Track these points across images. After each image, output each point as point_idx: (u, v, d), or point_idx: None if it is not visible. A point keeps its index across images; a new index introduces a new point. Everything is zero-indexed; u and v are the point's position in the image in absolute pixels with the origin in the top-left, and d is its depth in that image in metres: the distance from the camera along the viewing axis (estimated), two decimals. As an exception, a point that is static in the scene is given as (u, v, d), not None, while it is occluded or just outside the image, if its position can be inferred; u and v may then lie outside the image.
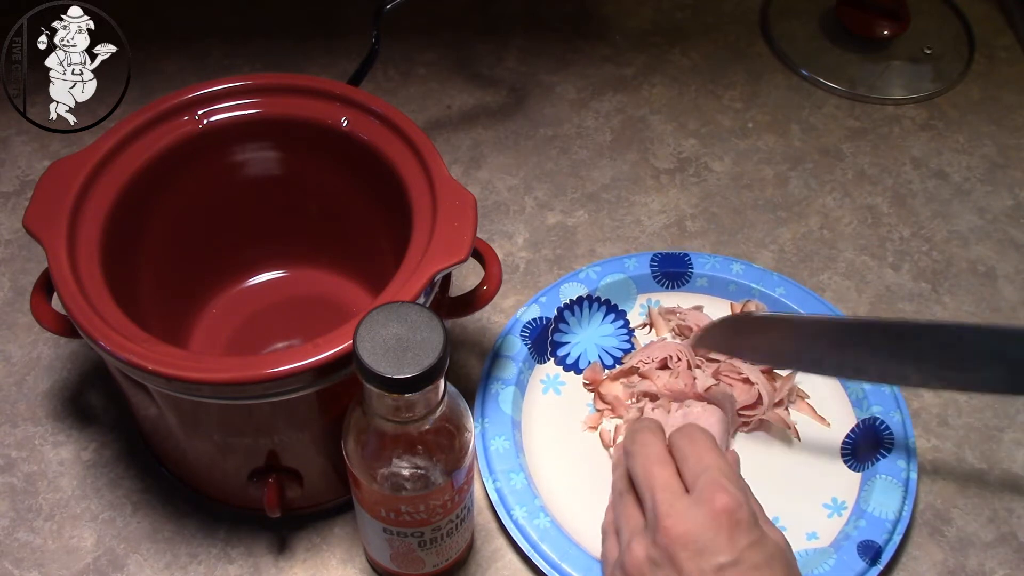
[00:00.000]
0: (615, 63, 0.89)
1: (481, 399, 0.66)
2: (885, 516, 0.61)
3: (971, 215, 0.80)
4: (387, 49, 0.73)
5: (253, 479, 0.58)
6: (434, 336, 0.45)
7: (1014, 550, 0.63)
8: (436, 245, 0.54)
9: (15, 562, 0.61)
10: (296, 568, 0.61)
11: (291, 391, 0.51)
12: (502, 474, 0.62)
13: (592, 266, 0.72)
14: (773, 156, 0.83)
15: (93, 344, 0.51)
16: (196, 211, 0.64)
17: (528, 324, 0.69)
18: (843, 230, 0.79)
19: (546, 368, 0.69)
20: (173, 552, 0.61)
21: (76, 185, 0.56)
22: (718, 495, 0.50)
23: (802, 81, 0.88)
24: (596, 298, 0.71)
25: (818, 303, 0.70)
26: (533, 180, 0.80)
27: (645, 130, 0.84)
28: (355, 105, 0.60)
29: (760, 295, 0.71)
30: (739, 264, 0.72)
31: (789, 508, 0.62)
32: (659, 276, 0.72)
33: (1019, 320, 0.73)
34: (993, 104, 0.87)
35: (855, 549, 0.60)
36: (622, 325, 0.71)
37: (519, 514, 0.61)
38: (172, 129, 0.60)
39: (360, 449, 0.51)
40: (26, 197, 0.77)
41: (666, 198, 0.80)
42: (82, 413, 0.67)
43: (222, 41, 0.88)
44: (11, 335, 0.70)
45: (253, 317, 0.68)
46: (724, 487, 0.50)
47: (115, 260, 0.56)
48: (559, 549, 0.60)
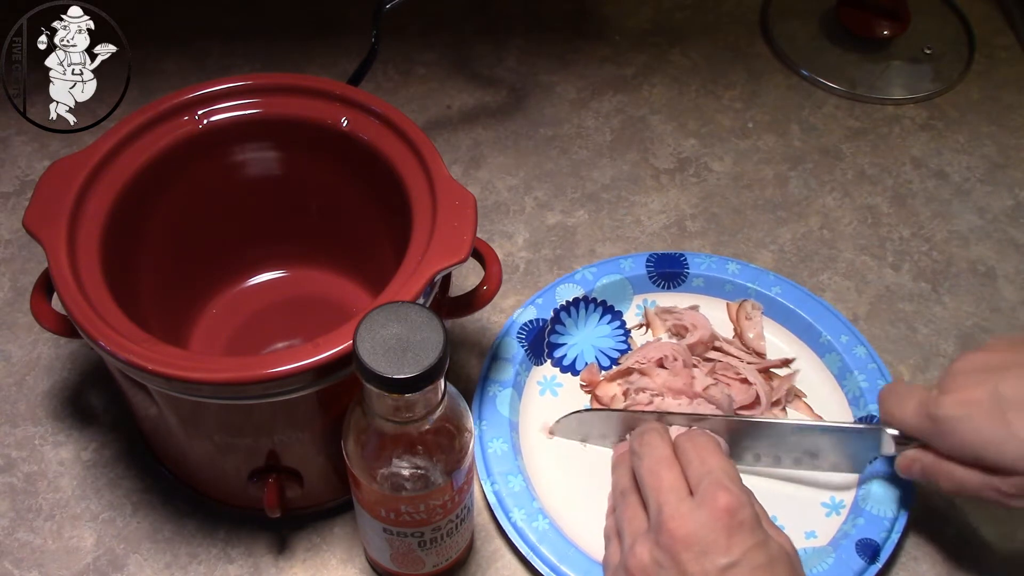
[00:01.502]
0: (615, 63, 0.89)
1: (479, 402, 0.66)
2: (883, 515, 0.61)
3: (971, 215, 0.80)
4: (387, 49, 0.73)
5: (253, 479, 0.58)
6: (434, 336, 0.45)
7: (1014, 550, 0.63)
8: (436, 245, 0.54)
9: (15, 562, 0.61)
10: (296, 568, 0.61)
11: (291, 391, 0.51)
12: (500, 476, 0.62)
13: (588, 267, 0.72)
14: (773, 156, 0.83)
15: (93, 344, 0.51)
16: (196, 211, 0.64)
17: (525, 326, 0.69)
18: (843, 230, 0.79)
19: (543, 370, 0.69)
20: (173, 552, 0.61)
21: (76, 185, 0.56)
22: (720, 495, 0.50)
23: (802, 81, 0.88)
24: (592, 299, 0.71)
25: (815, 302, 0.70)
26: (533, 180, 0.80)
27: (645, 130, 0.84)
28: (355, 105, 0.60)
29: (756, 295, 0.71)
30: (735, 264, 0.72)
31: (787, 507, 0.63)
32: (655, 276, 0.72)
33: (1019, 320, 0.73)
34: (993, 104, 0.87)
35: (854, 547, 0.60)
36: (618, 326, 0.71)
37: (517, 516, 0.61)
38: (172, 129, 0.60)
39: (360, 449, 0.51)
40: (26, 197, 0.77)
41: (666, 198, 0.80)
42: (82, 413, 0.67)
43: (222, 41, 0.88)
44: (11, 335, 0.70)
45: (253, 317, 0.68)
46: (726, 488, 0.51)
47: (115, 260, 0.56)
48: (558, 551, 0.60)
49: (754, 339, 0.70)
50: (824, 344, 0.69)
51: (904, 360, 0.71)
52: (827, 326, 0.69)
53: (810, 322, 0.69)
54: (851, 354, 0.68)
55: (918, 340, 0.72)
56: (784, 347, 0.70)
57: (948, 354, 0.72)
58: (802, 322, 0.70)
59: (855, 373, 0.67)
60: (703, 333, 0.69)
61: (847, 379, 0.68)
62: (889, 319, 0.73)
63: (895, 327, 0.73)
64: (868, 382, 0.67)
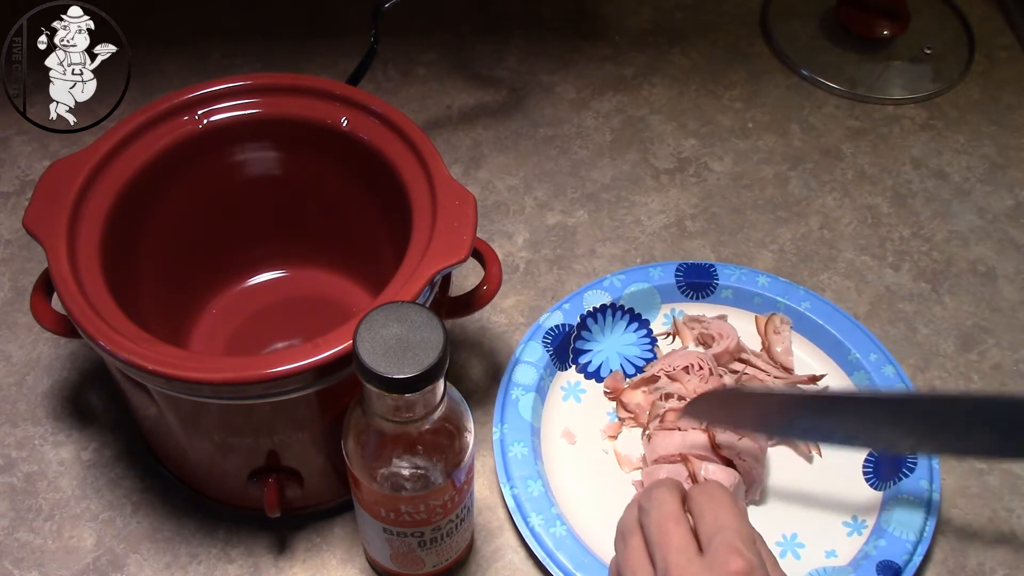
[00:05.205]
0: (615, 63, 0.89)
1: (501, 405, 0.65)
2: (906, 537, 0.60)
3: (971, 215, 0.80)
4: (387, 49, 0.73)
5: (253, 479, 0.58)
6: (434, 336, 0.45)
7: (1014, 550, 0.63)
8: (436, 245, 0.54)
9: (15, 562, 0.61)
10: (296, 568, 0.61)
11: (291, 391, 0.51)
12: (520, 480, 0.62)
13: (616, 274, 0.72)
14: (773, 156, 0.83)
15: (93, 344, 0.51)
16: (196, 211, 0.64)
17: (550, 331, 0.69)
18: (843, 230, 0.79)
19: (567, 375, 0.69)
20: (173, 552, 0.61)
21: (76, 185, 0.56)
22: (732, 559, 0.47)
23: (802, 81, 0.88)
24: (620, 306, 0.71)
25: (844, 319, 0.69)
26: (533, 180, 0.80)
27: (645, 130, 0.84)
28: (355, 105, 0.60)
29: (785, 308, 0.71)
30: (765, 277, 0.72)
31: (809, 525, 0.62)
32: (684, 286, 0.72)
33: (1019, 320, 0.73)
34: (993, 104, 0.87)
35: (874, 569, 0.59)
36: (645, 334, 0.71)
37: (535, 521, 0.61)
38: (172, 129, 0.60)
39: (360, 449, 0.51)
40: (26, 197, 0.77)
41: (666, 198, 0.80)
42: (82, 413, 0.67)
43: (222, 41, 0.88)
44: (11, 335, 0.70)
45: (253, 317, 0.68)
46: (739, 551, 0.48)
47: (115, 260, 0.56)
48: (575, 558, 0.59)
49: (782, 353, 0.69)
50: (852, 362, 0.68)
51: (904, 360, 0.71)
52: (856, 343, 0.68)
53: (839, 339, 0.69)
54: (879, 373, 0.67)
55: (918, 340, 0.72)
56: (811, 362, 0.70)
57: (948, 354, 0.72)
58: (830, 338, 0.69)
59: None
60: (729, 343, 0.68)
61: None
62: (889, 319, 0.73)
63: (895, 327, 0.73)
64: None
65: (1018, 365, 0.71)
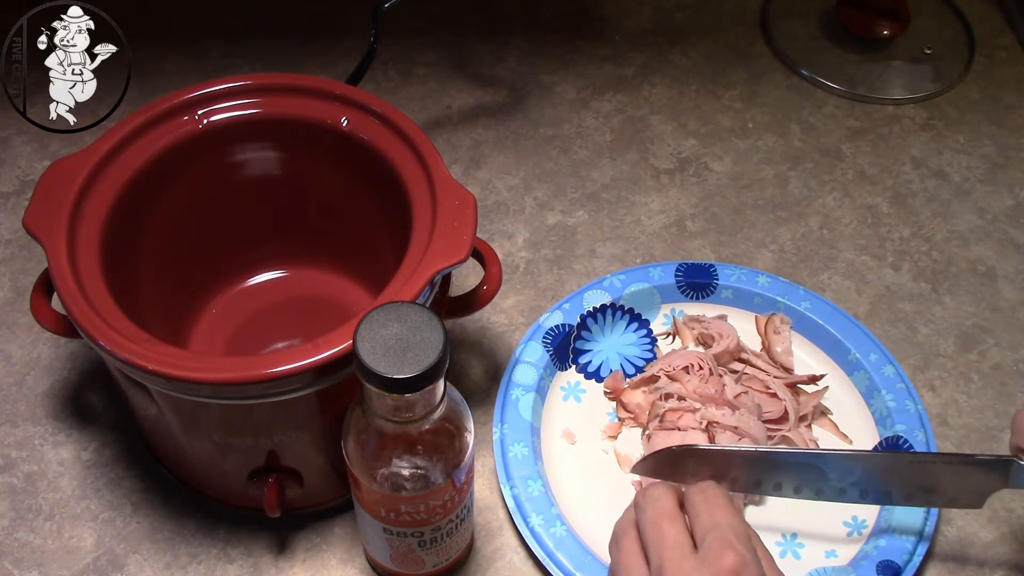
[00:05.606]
0: (615, 63, 0.89)
1: (501, 405, 0.65)
2: (906, 537, 0.60)
3: (971, 215, 0.80)
4: (387, 49, 0.73)
5: (253, 479, 0.58)
6: (434, 336, 0.45)
7: (1014, 550, 0.63)
8: (436, 245, 0.54)
9: (15, 562, 0.61)
10: (296, 568, 0.61)
11: (291, 391, 0.51)
12: (520, 480, 0.62)
13: (616, 274, 0.72)
14: (773, 156, 0.83)
15: (93, 344, 0.51)
16: (196, 211, 0.64)
17: (550, 331, 0.69)
18: (843, 230, 0.79)
19: (567, 375, 0.69)
20: (173, 552, 0.61)
21: (76, 185, 0.56)
22: (725, 554, 0.48)
23: (802, 81, 0.88)
24: (620, 306, 0.71)
25: (844, 318, 0.69)
26: (533, 180, 0.80)
27: (645, 130, 0.84)
28: (355, 105, 0.60)
29: (785, 308, 0.71)
30: (765, 277, 0.72)
31: (809, 525, 0.62)
32: (684, 286, 0.72)
33: (1019, 320, 0.73)
34: (993, 104, 0.87)
35: (874, 569, 0.59)
36: (645, 334, 0.71)
37: (535, 522, 0.61)
38: (172, 129, 0.60)
39: (360, 449, 0.51)
40: (26, 197, 0.77)
41: (666, 198, 0.80)
42: (82, 413, 0.67)
43: (222, 41, 0.88)
44: (11, 335, 0.70)
45: (253, 317, 0.68)
46: (732, 545, 0.48)
47: (115, 260, 0.56)
48: (574, 558, 0.59)
49: (782, 353, 0.69)
50: (852, 362, 0.68)
51: (904, 360, 0.71)
52: (856, 343, 0.68)
53: (839, 339, 0.69)
54: (879, 373, 0.67)
55: (918, 340, 0.72)
56: (811, 362, 0.70)
57: (948, 354, 0.72)
58: (830, 338, 0.69)
59: (883, 392, 0.66)
60: (729, 343, 0.68)
61: (874, 398, 0.67)
62: (889, 319, 0.73)
63: (895, 327, 0.73)
64: (896, 402, 0.66)
65: (1018, 365, 0.71)
